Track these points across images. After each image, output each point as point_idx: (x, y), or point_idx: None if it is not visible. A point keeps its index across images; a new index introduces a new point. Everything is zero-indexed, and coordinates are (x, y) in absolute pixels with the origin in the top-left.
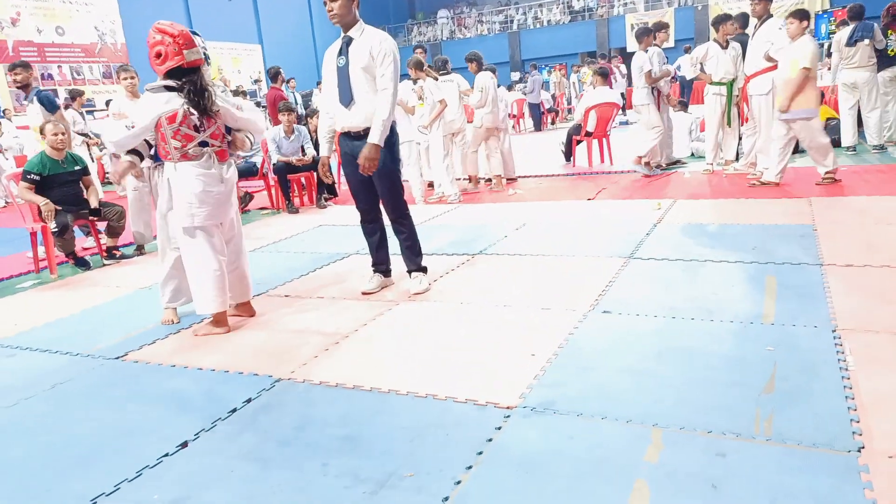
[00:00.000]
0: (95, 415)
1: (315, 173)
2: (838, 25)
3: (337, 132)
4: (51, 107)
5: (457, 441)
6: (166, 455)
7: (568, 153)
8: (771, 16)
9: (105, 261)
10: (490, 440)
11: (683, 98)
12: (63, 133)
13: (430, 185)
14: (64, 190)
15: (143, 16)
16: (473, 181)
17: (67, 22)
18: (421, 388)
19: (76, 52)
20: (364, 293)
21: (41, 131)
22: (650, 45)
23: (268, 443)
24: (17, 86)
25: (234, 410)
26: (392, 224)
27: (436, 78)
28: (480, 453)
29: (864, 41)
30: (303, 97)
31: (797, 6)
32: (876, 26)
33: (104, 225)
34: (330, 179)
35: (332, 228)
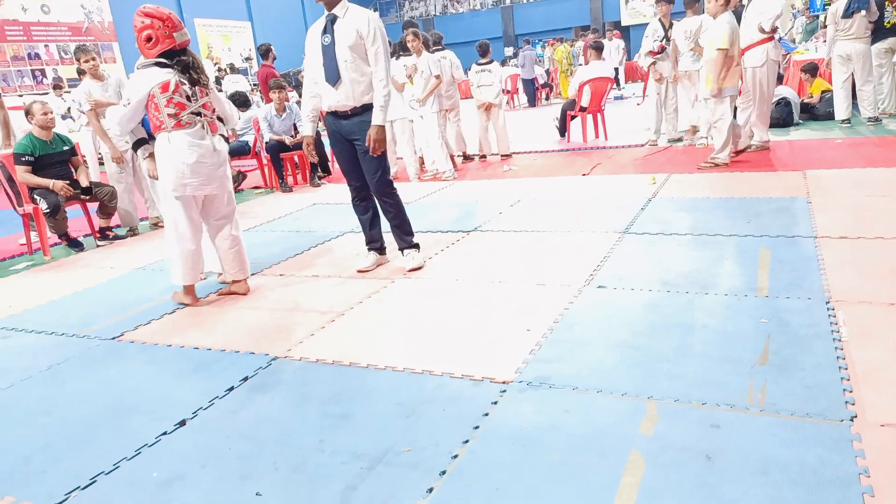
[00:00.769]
0: (92, 395)
1: None
2: None
3: (322, 111)
4: None
5: (453, 416)
6: (164, 434)
7: (562, 128)
8: None
9: (98, 242)
10: (486, 415)
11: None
12: (51, 112)
13: (423, 163)
14: (54, 170)
15: None
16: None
17: (53, 0)
18: (417, 365)
19: (63, 31)
20: (359, 271)
21: (27, 112)
22: (698, 12)
23: (265, 421)
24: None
25: (232, 389)
26: (378, 202)
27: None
28: (477, 428)
29: (861, 12)
30: (293, 74)
31: None
32: None
33: (97, 206)
34: (315, 158)
35: (326, 207)
